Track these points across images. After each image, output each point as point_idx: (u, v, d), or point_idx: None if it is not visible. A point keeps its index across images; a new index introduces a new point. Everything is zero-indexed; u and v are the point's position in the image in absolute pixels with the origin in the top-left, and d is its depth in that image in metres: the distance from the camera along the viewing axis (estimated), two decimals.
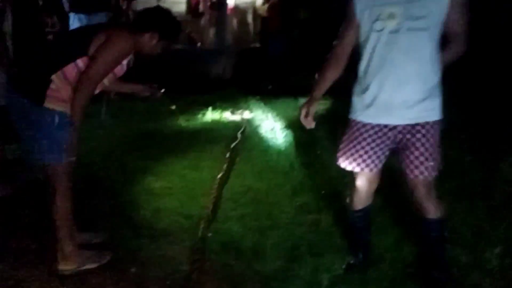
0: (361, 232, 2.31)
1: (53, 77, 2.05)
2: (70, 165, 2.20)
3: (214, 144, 4.00)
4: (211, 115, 5.04)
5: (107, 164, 3.55)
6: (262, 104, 5.37)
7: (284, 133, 4.17)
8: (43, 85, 2.04)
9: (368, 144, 2.03)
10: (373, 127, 2.01)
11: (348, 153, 2.09)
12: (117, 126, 4.50)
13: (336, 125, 4.28)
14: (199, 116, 5.03)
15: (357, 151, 2.05)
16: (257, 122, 4.64)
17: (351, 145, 2.07)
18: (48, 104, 2.05)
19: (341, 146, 2.14)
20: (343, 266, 2.28)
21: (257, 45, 8.30)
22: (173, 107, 3.80)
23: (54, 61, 2.10)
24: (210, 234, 2.63)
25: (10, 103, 2.17)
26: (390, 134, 1.99)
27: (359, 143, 2.04)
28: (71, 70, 2.08)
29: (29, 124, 2.05)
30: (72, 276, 2.31)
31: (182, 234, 2.66)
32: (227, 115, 5.03)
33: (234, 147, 3.88)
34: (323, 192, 3.09)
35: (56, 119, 2.04)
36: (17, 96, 2.09)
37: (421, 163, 1.95)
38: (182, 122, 4.71)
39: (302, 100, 2.35)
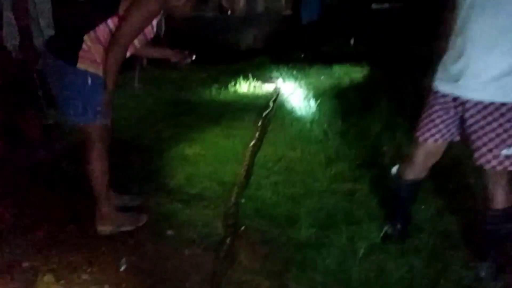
0: (404, 202, 2.21)
1: (85, 37, 2.04)
2: (105, 128, 2.22)
3: (246, 113, 3.95)
4: (242, 84, 4.97)
5: (141, 131, 3.61)
6: (294, 72, 5.23)
7: (318, 102, 4.04)
8: (76, 45, 2.04)
9: (438, 114, 1.90)
10: (444, 96, 1.88)
11: (419, 120, 1.99)
12: (149, 94, 4.53)
13: (373, 93, 4.14)
14: (231, 85, 4.97)
15: (429, 120, 1.94)
16: (289, 91, 4.52)
17: (424, 112, 1.97)
18: (81, 65, 2.05)
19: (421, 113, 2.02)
20: (381, 235, 2.21)
21: (289, 12, 8.02)
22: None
23: (85, 22, 2.09)
24: (243, 201, 2.63)
25: (46, 66, 2.19)
26: (460, 108, 1.84)
27: (430, 112, 1.93)
28: (102, 30, 2.06)
29: (64, 86, 2.07)
30: (110, 236, 2.39)
31: (215, 199, 2.67)
32: (259, 84, 4.94)
33: (266, 115, 3.82)
34: (358, 162, 2.99)
35: (89, 81, 2.05)
36: (53, 58, 2.11)
37: (490, 150, 1.76)
38: (214, 91, 4.68)
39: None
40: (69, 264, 2.21)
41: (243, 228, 2.39)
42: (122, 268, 2.19)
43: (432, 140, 1.94)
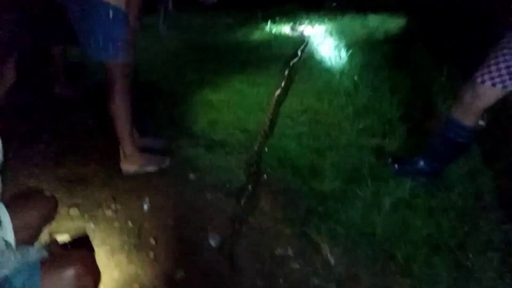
0: (449, 151, 2.12)
1: None
2: (128, 66, 2.15)
3: (272, 61, 3.77)
4: (270, 30, 4.73)
5: (165, 74, 3.53)
6: (325, 21, 4.92)
7: (349, 53, 3.82)
8: None
9: (505, 59, 1.79)
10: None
11: (483, 62, 1.89)
12: (174, 38, 4.38)
13: (409, 46, 3.87)
14: (258, 31, 4.74)
15: (493, 62, 1.84)
16: (319, 40, 4.28)
17: (490, 54, 1.87)
18: None
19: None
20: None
21: None
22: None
23: None
24: (266, 150, 2.57)
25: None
26: None
27: (497, 54, 1.82)
28: None
29: (85, 19, 1.99)
30: (134, 176, 2.41)
31: (238, 147, 2.63)
32: (287, 31, 4.69)
33: (293, 64, 3.63)
34: (388, 117, 2.85)
35: (111, 14, 1.95)
36: None
37: None
38: (240, 37, 4.48)
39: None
40: (94, 200, 2.26)
41: (265, 176, 2.36)
42: (145, 208, 2.22)
43: (490, 83, 1.82)
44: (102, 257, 1.94)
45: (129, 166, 2.41)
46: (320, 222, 2.06)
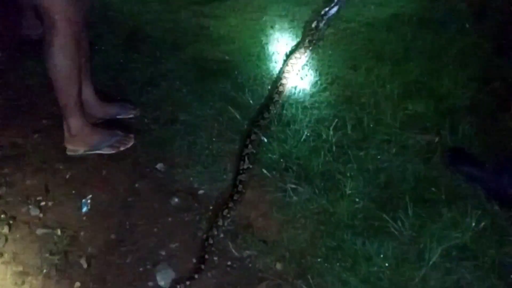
0: None
1: None
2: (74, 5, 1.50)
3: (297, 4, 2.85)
4: None
5: (150, 17, 2.70)
6: None
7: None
8: None
9: None
10: None
11: None
12: None
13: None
14: None
15: None
16: None
17: None
18: None
19: None
20: None
21: None
22: None
23: None
24: (265, 140, 1.83)
25: None
26: None
27: None
28: None
29: None
30: (83, 159, 1.77)
31: (229, 128, 1.92)
32: None
33: (325, 13, 2.72)
34: (448, 103, 1.98)
35: None
36: None
37: None
38: None
39: None
40: (20, 190, 1.66)
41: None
42: (84, 210, 1.60)
43: None
44: (8, 282, 1.37)
45: (75, 146, 1.77)
46: (324, 267, 1.37)
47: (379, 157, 1.72)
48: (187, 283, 1.36)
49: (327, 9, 2.68)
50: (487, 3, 2.66)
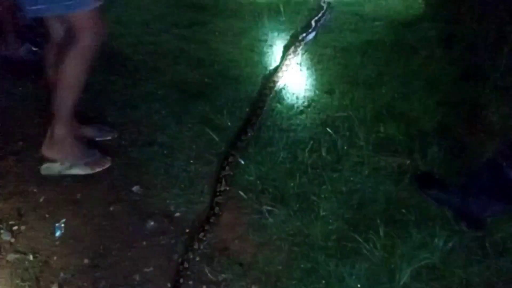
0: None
1: None
2: (98, 16, 1.58)
3: (276, 30, 2.95)
4: None
5: (137, 41, 2.74)
6: None
7: (376, 24, 2.96)
8: None
9: None
10: None
11: None
12: None
13: (458, 27, 2.97)
14: None
15: None
16: (341, 6, 3.37)
17: None
18: None
19: None
20: None
21: None
22: None
23: None
24: (242, 162, 1.86)
25: None
26: None
27: None
28: None
29: None
30: (56, 182, 1.75)
31: (207, 148, 1.93)
32: None
33: (303, 38, 2.82)
34: (420, 126, 2.07)
35: None
36: None
37: None
38: None
39: None
40: None
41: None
42: (58, 234, 1.58)
43: None
44: None
45: (52, 154, 1.76)
46: None
47: (352, 179, 1.77)
48: None
49: (304, 34, 2.79)
50: (455, 31, 2.81)
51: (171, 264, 1.50)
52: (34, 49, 2.61)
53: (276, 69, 2.44)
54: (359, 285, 1.38)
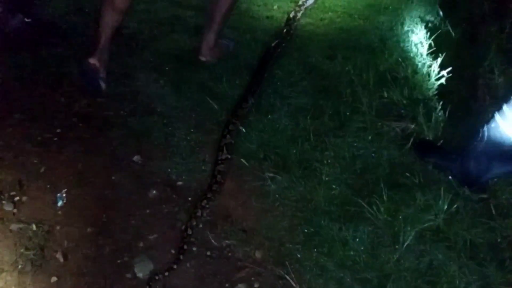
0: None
1: None
2: None
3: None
4: None
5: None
6: None
7: None
8: None
9: None
10: None
11: None
12: None
13: None
14: None
15: None
16: None
17: None
18: None
19: None
20: None
21: None
22: None
23: None
24: (243, 130, 1.83)
25: None
26: None
27: None
28: None
29: None
30: (56, 155, 1.73)
31: (209, 115, 1.90)
32: None
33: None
34: (425, 89, 2.02)
35: None
36: None
37: None
38: None
39: None
40: None
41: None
42: (60, 204, 1.57)
43: None
44: None
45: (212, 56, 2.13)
46: (302, 253, 1.39)
47: (355, 144, 1.75)
48: (166, 274, 1.36)
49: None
50: None
51: (175, 232, 1.50)
52: (27, 20, 2.53)
53: (276, 35, 2.37)
54: (362, 248, 1.39)
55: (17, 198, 1.58)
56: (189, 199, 1.61)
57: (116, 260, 1.40)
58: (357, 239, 1.40)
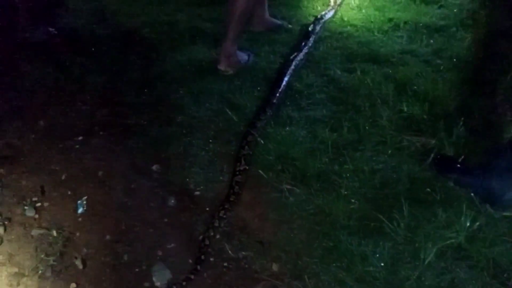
0: None
1: None
2: None
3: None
4: None
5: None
6: None
7: None
8: None
9: None
10: None
11: None
12: None
13: None
14: None
15: None
16: None
17: None
18: None
19: None
20: None
21: None
22: None
23: None
24: (262, 141, 1.84)
25: None
26: None
27: None
28: None
29: None
30: (77, 159, 1.76)
31: (226, 129, 1.91)
32: None
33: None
34: (449, 103, 2.00)
35: None
36: None
37: None
38: None
39: None
40: (16, 190, 1.65)
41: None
42: (80, 210, 1.59)
43: None
44: (3, 283, 1.36)
45: (228, 65, 2.18)
46: (320, 268, 1.37)
47: (374, 158, 1.73)
48: (183, 283, 1.35)
49: (323, 12, 2.72)
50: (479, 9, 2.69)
51: (192, 241, 1.50)
52: (51, 29, 2.61)
53: (295, 48, 2.38)
54: (382, 264, 1.36)
55: (38, 204, 1.61)
56: (207, 209, 1.61)
57: (135, 269, 1.41)
58: (377, 255, 1.38)
